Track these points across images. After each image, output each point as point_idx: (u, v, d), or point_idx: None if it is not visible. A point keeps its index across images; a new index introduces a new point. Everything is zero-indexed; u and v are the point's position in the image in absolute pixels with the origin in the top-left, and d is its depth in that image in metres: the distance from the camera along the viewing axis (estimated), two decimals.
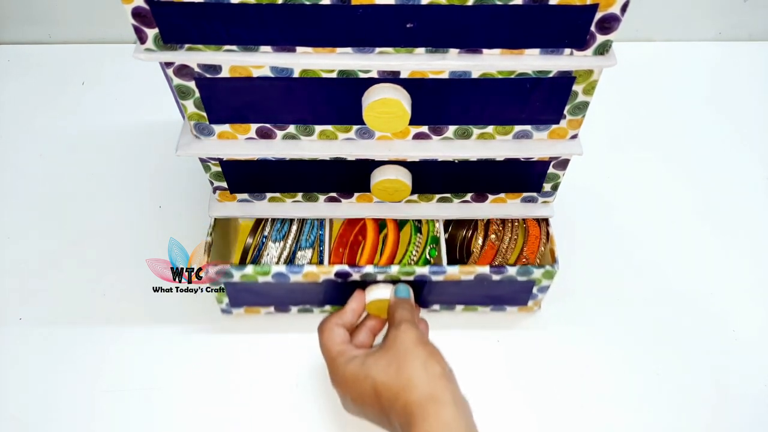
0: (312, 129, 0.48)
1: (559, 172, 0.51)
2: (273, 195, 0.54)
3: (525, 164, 0.50)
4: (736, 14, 0.83)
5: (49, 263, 0.62)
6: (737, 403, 0.53)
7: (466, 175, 0.52)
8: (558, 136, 0.49)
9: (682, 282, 0.61)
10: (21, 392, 0.54)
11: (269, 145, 0.49)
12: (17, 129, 0.75)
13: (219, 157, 0.49)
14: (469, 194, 0.54)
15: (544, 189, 0.53)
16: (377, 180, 0.50)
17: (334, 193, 0.54)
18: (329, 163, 0.49)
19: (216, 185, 0.53)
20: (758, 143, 0.74)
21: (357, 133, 0.49)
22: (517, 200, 0.54)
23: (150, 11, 0.39)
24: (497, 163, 0.49)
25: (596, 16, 0.39)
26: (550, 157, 0.49)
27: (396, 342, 0.43)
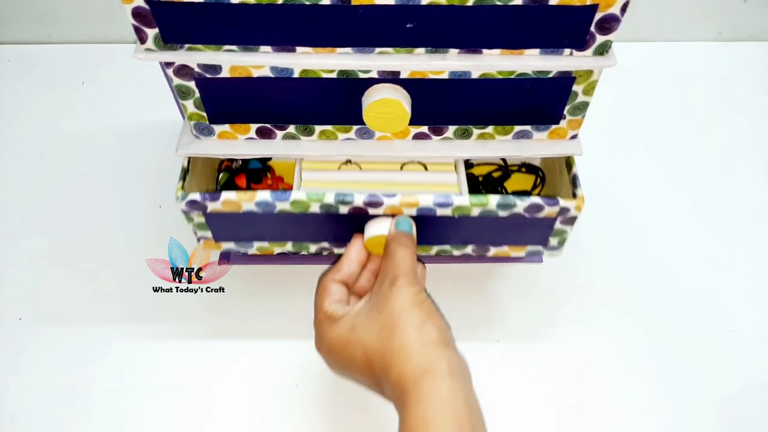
0: (312, 129, 0.48)
1: (567, 228, 0.48)
2: (261, 244, 0.51)
3: (531, 220, 0.46)
4: (736, 14, 0.83)
5: (49, 263, 0.62)
6: (737, 403, 0.53)
7: (466, 230, 0.48)
8: (558, 136, 0.49)
9: (682, 282, 0.61)
10: (21, 392, 0.54)
11: (269, 145, 0.49)
12: (17, 129, 0.75)
13: (203, 209, 0.46)
14: (470, 246, 0.50)
15: (551, 243, 0.50)
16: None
17: (325, 243, 0.50)
18: (321, 217, 0.46)
19: (200, 235, 0.49)
20: (758, 143, 0.74)
21: (357, 133, 0.49)
22: (521, 252, 0.51)
23: (150, 11, 0.39)
24: (500, 218, 0.46)
25: (596, 16, 0.39)
26: (557, 213, 0.45)
27: (389, 302, 0.39)
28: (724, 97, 0.79)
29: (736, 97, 0.79)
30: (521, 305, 0.59)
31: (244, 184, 0.59)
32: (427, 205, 0.45)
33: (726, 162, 0.72)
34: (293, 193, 0.45)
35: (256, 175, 0.60)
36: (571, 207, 0.46)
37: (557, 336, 0.57)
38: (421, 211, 0.45)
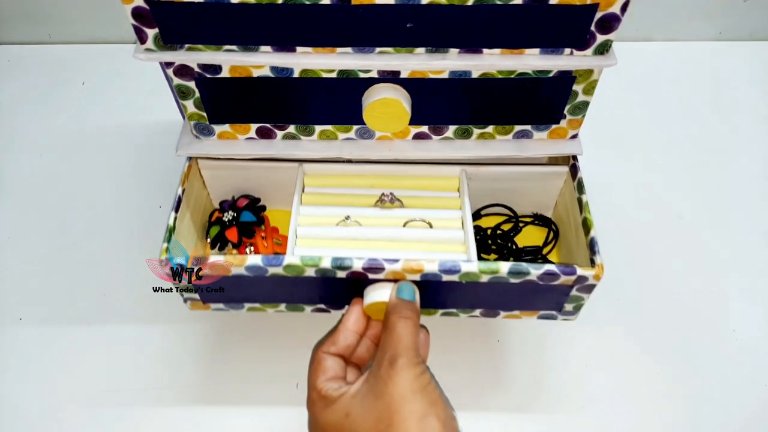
0: (312, 129, 0.48)
1: (584, 295, 0.44)
2: (252, 305, 0.48)
3: (545, 286, 0.43)
4: (736, 14, 0.83)
5: (49, 263, 0.62)
6: (737, 403, 0.53)
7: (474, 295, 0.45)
8: (558, 135, 0.49)
9: (682, 282, 0.61)
10: (21, 392, 0.54)
11: (269, 145, 0.49)
12: (17, 129, 0.75)
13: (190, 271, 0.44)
14: (478, 310, 0.47)
15: (565, 308, 0.46)
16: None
17: (322, 304, 0.47)
18: (317, 280, 0.43)
19: (186, 296, 0.47)
20: (758, 143, 0.74)
21: (357, 133, 0.49)
22: (532, 316, 0.48)
23: (150, 11, 0.39)
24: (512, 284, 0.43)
25: (596, 16, 0.39)
26: (575, 280, 0.42)
27: (388, 387, 0.35)
28: (724, 97, 0.79)
29: (736, 97, 0.79)
30: None
31: (235, 238, 0.55)
32: (432, 271, 0.41)
33: (726, 162, 0.72)
34: (286, 258, 0.41)
35: (249, 228, 0.55)
36: (589, 276, 0.42)
37: (557, 336, 0.57)
38: (425, 277, 0.42)
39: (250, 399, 0.53)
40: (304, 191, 0.52)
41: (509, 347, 0.57)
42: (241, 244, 0.55)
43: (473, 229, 0.48)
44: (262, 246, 0.55)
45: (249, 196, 0.57)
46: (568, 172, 0.52)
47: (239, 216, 0.56)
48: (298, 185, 0.51)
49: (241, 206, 0.56)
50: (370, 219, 0.50)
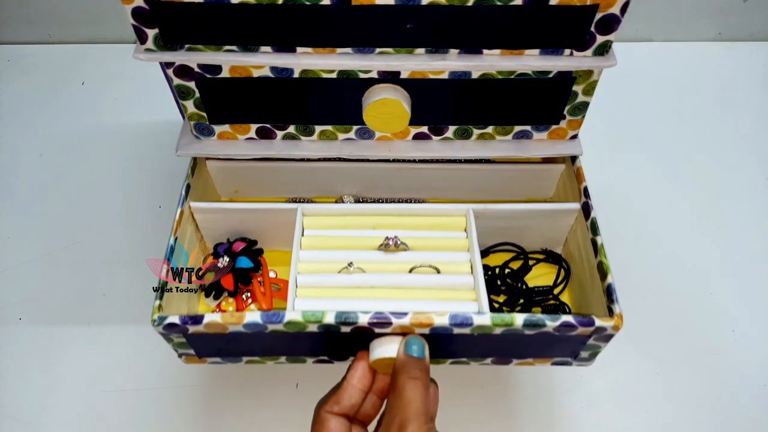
0: (312, 129, 0.48)
1: (602, 344, 0.43)
2: (251, 359, 0.45)
3: (561, 337, 0.41)
4: (736, 14, 0.83)
5: (49, 263, 0.62)
6: (737, 403, 0.53)
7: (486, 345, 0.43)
8: (558, 136, 0.49)
9: (682, 282, 0.61)
10: (21, 392, 0.54)
11: (269, 145, 0.49)
12: (17, 129, 0.75)
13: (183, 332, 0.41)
14: (489, 359, 0.45)
15: (581, 356, 0.44)
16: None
17: (325, 356, 0.45)
18: (320, 335, 0.41)
19: (181, 352, 0.45)
20: (758, 143, 0.74)
21: (357, 133, 0.49)
22: (546, 363, 0.46)
23: (150, 11, 0.39)
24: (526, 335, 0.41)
25: (596, 16, 0.39)
26: (593, 331, 0.40)
27: None
28: (724, 97, 0.79)
29: (736, 97, 0.79)
30: None
31: (231, 285, 0.52)
32: (443, 325, 0.39)
33: (726, 162, 0.72)
34: (287, 314, 0.39)
35: (245, 275, 0.52)
36: (608, 327, 0.40)
37: None
38: (435, 330, 0.39)
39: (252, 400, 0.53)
40: (304, 234, 0.49)
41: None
42: (238, 292, 0.52)
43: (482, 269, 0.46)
44: (260, 293, 0.52)
45: (245, 239, 0.54)
46: (579, 209, 0.50)
47: (235, 262, 0.52)
48: (298, 227, 0.48)
49: (237, 251, 0.53)
50: (374, 264, 0.48)
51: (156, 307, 0.42)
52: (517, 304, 0.53)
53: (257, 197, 0.58)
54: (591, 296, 0.47)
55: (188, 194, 0.50)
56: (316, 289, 0.46)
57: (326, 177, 0.56)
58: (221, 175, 0.56)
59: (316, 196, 0.58)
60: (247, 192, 0.58)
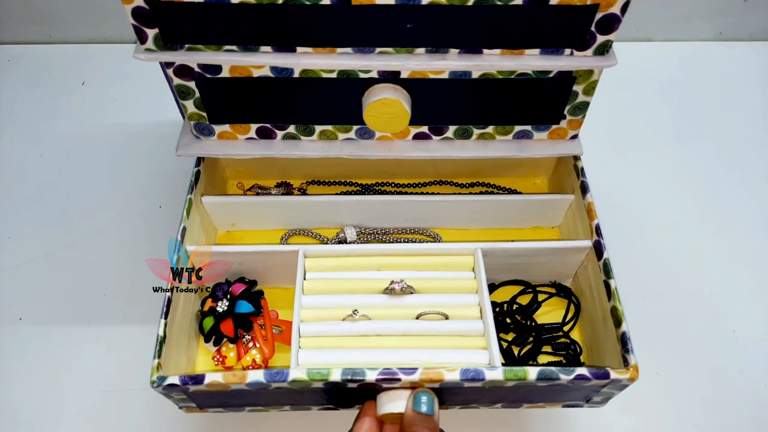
0: (312, 129, 0.48)
1: (616, 392, 0.43)
2: (254, 408, 0.45)
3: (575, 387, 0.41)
4: (736, 14, 0.83)
5: (49, 263, 0.62)
6: (737, 403, 0.53)
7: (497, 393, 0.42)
8: (558, 136, 0.49)
9: (682, 282, 0.61)
10: (21, 392, 0.54)
11: (269, 145, 0.49)
12: (17, 129, 0.75)
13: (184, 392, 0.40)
14: (499, 404, 0.45)
15: (593, 400, 0.44)
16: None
17: (331, 405, 0.45)
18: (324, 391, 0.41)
19: (182, 405, 0.44)
20: (758, 143, 0.74)
21: (357, 133, 0.49)
22: (557, 406, 0.46)
23: (150, 11, 0.39)
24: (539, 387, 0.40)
25: (596, 16, 0.39)
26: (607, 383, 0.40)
27: None
28: (724, 97, 0.79)
29: (736, 97, 0.79)
30: None
31: (231, 331, 0.50)
32: (453, 380, 0.38)
33: (726, 162, 0.72)
34: (291, 372, 0.39)
35: (246, 320, 0.50)
36: (623, 379, 0.40)
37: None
38: (445, 385, 0.39)
39: None
40: (306, 277, 0.48)
41: None
42: (239, 338, 0.50)
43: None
44: (261, 338, 0.50)
45: (244, 280, 0.53)
46: (591, 247, 0.49)
47: (234, 306, 0.51)
48: (299, 271, 0.47)
49: (237, 294, 0.51)
50: (380, 310, 0.46)
51: (155, 366, 0.41)
52: (526, 342, 0.52)
53: (255, 229, 0.58)
54: (604, 340, 0.46)
55: (184, 238, 0.49)
56: (320, 339, 0.45)
57: (326, 209, 0.55)
58: (217, 210, 0.55)
59: (316, 227, 0.57)
60: (245, 224, 0.57)
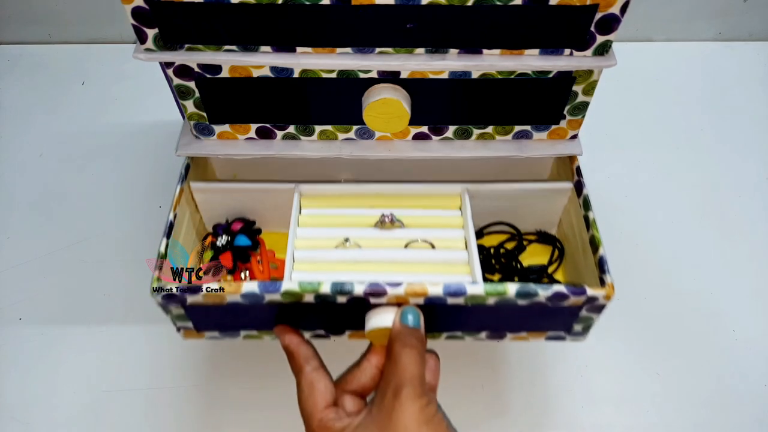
0: (312, 129, 0.48)
1: (594, 315, 0.43)
2: (249, 333, 0.46)
3: (554, 308, 0.42)
4: (736, 14, 0.83)
5: (49, 263, 0.62)
6: (737, 403, 0.53)
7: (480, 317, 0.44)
8: (558, 136, 0.49)
9: (682, 282, 0.61)
10: (21, 392, 0.54)
11: (269, 145, 0.49)
12: (17, 129, 0.75)
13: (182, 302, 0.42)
14: (484, 332, 0.46)
15: (574, 329, 0.45)
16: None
17: (321, 330, 0.46)
18: (317, 305, 0.41)
19: (180, 325, 0.45)
20: (758, 143, 0.74)
21: (357, 133, 0.49)
22: (540, 338, 0.47)
23: (150, 11, 0.39)
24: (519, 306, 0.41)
25: (596, 16, 0.39)
26: (584, 301, 0.41)
27: (392, 419, 0.34)
28: (724, 97, 0.79)
29: (736, 97, 0.79)
30: None
31: (230, 263, 0.52)
32: (437, 294, 0.40)
33: (726, 162, 0.72)
34: (284, 284, 0.40)
35: (244, 253, 0.53)
36: (599, 296, 0.41)
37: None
38: (430, 300, 0.40)
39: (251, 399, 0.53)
40: (301, 213, 0.50)
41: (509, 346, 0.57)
42: (236, 270, 0.53)
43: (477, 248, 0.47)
44: (258, 271, 0.53)
45: (243, 219, 0.55)
46: (572, 188, 0.51)
47: (234, 240, 0.53)
48: (295, 207, 0.49)
49: (236, 230, 0.54)
50: (370, 241, 0.48)
51: (155, 278, 0.42)
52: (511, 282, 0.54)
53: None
54: (584, 272, 0.48)
55: (188, 173, 0.51)
56: (313, 264, 0.47)
57: (324, 165, 0.54)
58: (221, 159, 0.56)
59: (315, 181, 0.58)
60: (245, 176, 0.58)
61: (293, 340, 0.41)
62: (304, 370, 0.39)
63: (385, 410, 0.34)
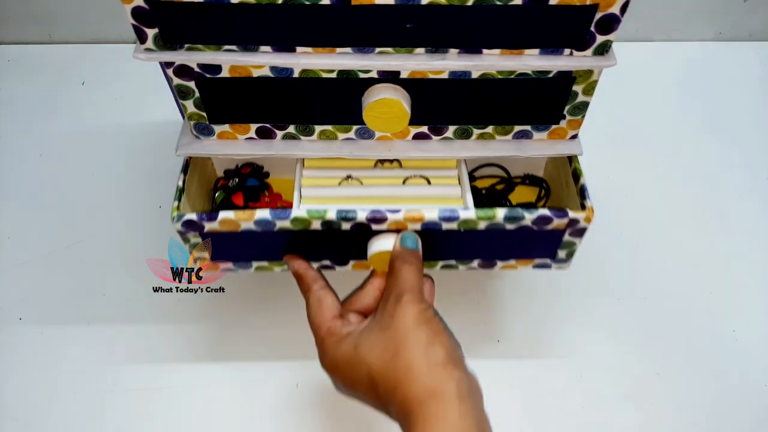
0: (312, 129, 0.48)
1: (576, 240, 0.46)
2: (260, 264, 0.49)
3: (539, 232, 0.45)
4: (736, 14, 0.83)
5: (49, 263, 0.62)
6: (737, 403, 0.53)
7: (472, 244, 0.47)
8: (558, 136, 0.49)
9: (682, 282, 0.61)
10: (21, 392, 0.54)
11: (269, 145, 0.49)
12: (17, 129, 0.75)
13: (200, 229, 0.45)
14: (476, 261, 0.48)
15: (559, 256, 0.48)
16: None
17: (327, 260, 0.48)
18: (323, 234, 0.44)
19: (197, 256, 0.48)
20: (758, 143, 0.74)
21: (357, 133, 0.49)
22: (528, 265, 0.50)
23: (150, 11, 0.39)
24: (508, 231, 0.45)
25: (596, 16, 0.39)
26: (566, 225, 0.44)
27: (394, 320, 0.37)
28: (724, 97, 0.79)
29: (736, 97, 0.79)
30: (521, 305, 0.59)
31: (241, 202, 0.56)
32: (432, 219, 0.43)
33: (726, 162, 0.72)
34: (293, 211, 0.43)
35: (254, 193, 0.57)
36: (580, 218, 0.44)
37: (557, 336, 0.57)
38: (426, 226, 0.44)
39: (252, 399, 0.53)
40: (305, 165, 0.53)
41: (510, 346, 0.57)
42: (247, 209, 0.56)
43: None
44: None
45: (252, 164, 0.59)
46: None
47: (244, 181, 0.57)
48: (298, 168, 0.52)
49: (245, 173, 0.58)
50: (371, 179, 0.51)
51: (174, 207, 0.47)
52: None
53: None
54: (568, 203, 0.52)
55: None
56: (319, 199, 0.49)
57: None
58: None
59: None
60: None
61: (302, 265, 0.45)
62: (312, 288, 0.43)
63: (388, 314, 0.38)
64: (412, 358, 0.36)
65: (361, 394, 0.38)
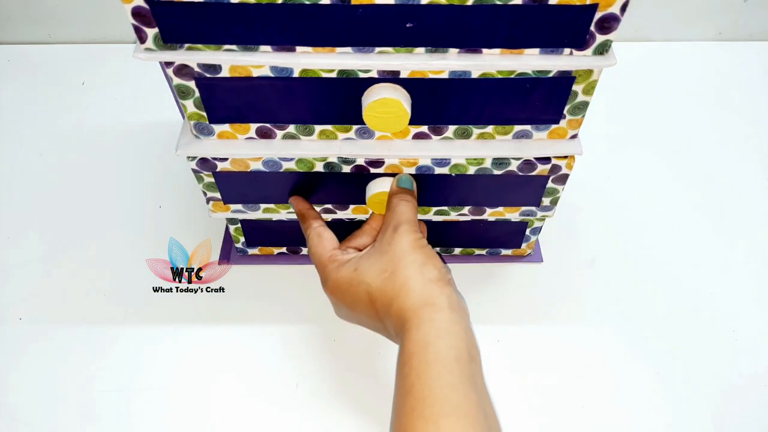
0: (312, 129, 0.48)
1: (559, 187, 0.51)
2: (267, 206, 0.54)
3: (524, 178, 0.49)
4: (736, 14, 0.83)
5: (49, 263, 0.62)
6: (737, 403, 0.53)
7: (463, 189, 0.51)
8: (558, 136, 0.49)
9: (682, 282, 0.61)
10: (21, 392, 0.54)
11: (269, 145, 0.49)
12: (17, 129, 0.75)
13: (213, 169, 0.49)
14: (467, 207, 0.53)
15: (543, 203, 0.53)
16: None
17: (329, 204, 0.53)
18: (325, 177, 0.49)
19: (209, 196, 0.52)
20: (758, 143, 0.74)
21: (357, 133, 0.49)
22: (515, 213, 0.54)
23: (150, 11, 0.39)
24: (495, 176, 0.49)
25: (596, 15, 0.39)
26: (549, 171, 0.49)
27: (392, 245, 0.42)
28: (724, 97, 0.79)
29: (736, 97, 0.79)
30: (521, 305, 0.59)
31: None
32: (426, 164, 0.48)
33: (726, 162, 0.72)
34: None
35: None
36: (562, 165, 0.48)
37: (557, 336, 0.57)
38: (420, 170, 0.48)
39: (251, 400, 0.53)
40: None
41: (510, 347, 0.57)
42: None
43: None
44: None
45: None
46: None
47: None
48: None
49: None
50: None
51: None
52: None
53: None
54: None
55: None
56: None
57: None
58: None
59: None
60: None
61: (304, 205, 0.50)
62: (313, 225, 0.47)
63: (386, 241, 0.42)
64: (407, 276, 0.40)
65: (360, 313, 0.42)
